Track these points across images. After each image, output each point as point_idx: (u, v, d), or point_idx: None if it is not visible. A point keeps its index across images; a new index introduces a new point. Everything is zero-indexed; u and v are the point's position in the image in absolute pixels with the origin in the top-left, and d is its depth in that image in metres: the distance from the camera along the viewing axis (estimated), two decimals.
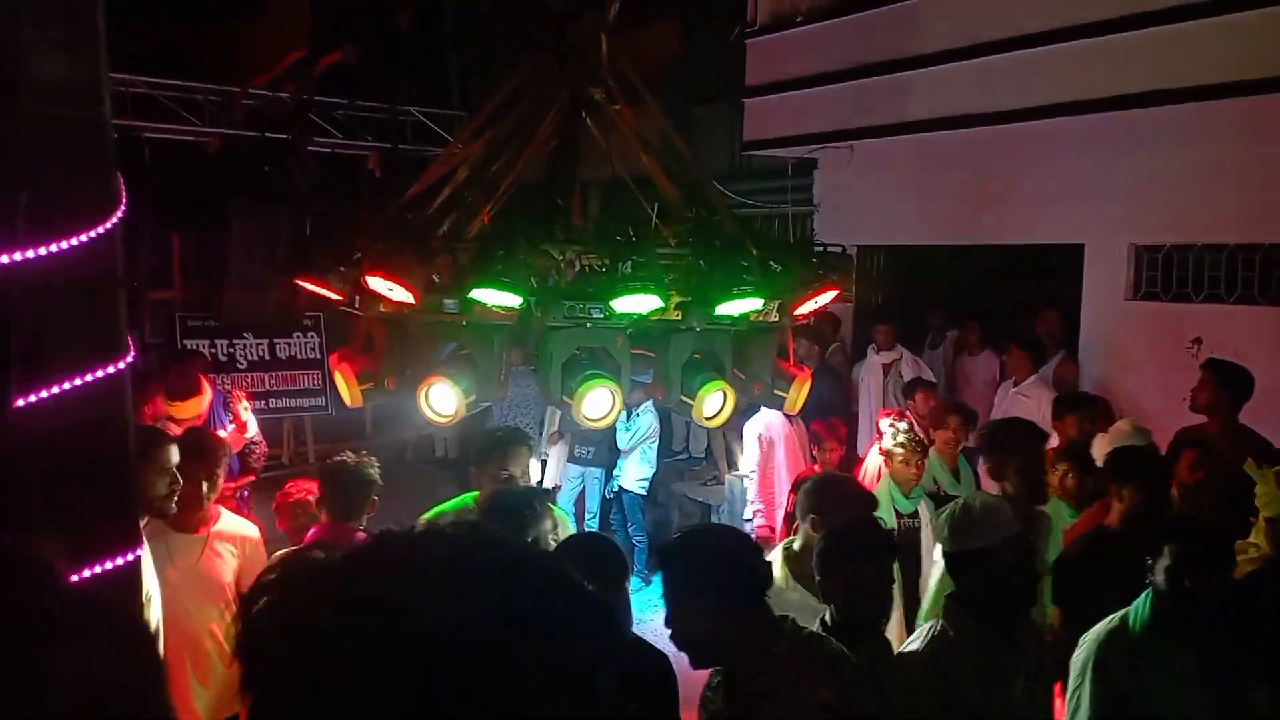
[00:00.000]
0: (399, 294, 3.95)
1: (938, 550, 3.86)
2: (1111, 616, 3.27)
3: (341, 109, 7.98)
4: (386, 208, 7.15)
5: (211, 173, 7.49)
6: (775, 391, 4.24)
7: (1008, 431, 4.09)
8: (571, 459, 7.87)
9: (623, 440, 7.94)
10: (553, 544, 3.55)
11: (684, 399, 4.07)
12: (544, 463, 7.64)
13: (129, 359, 1.90)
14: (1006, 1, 8.19)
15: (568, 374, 4.02)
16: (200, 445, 4.00)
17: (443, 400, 4.04)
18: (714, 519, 8.26)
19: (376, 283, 3.95)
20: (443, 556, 0.85)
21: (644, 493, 8.18)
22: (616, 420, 4.03)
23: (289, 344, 8.44)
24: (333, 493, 4.11)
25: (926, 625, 3.23)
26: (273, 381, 8.43)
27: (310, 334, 8.44)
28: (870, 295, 10.25)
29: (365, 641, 0.77)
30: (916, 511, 4.86)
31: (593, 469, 8.12)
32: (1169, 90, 7.23)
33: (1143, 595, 3.20)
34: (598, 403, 3.97)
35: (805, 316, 4.16)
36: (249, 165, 7.13)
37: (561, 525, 4.09)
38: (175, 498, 3.53)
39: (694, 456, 11.47)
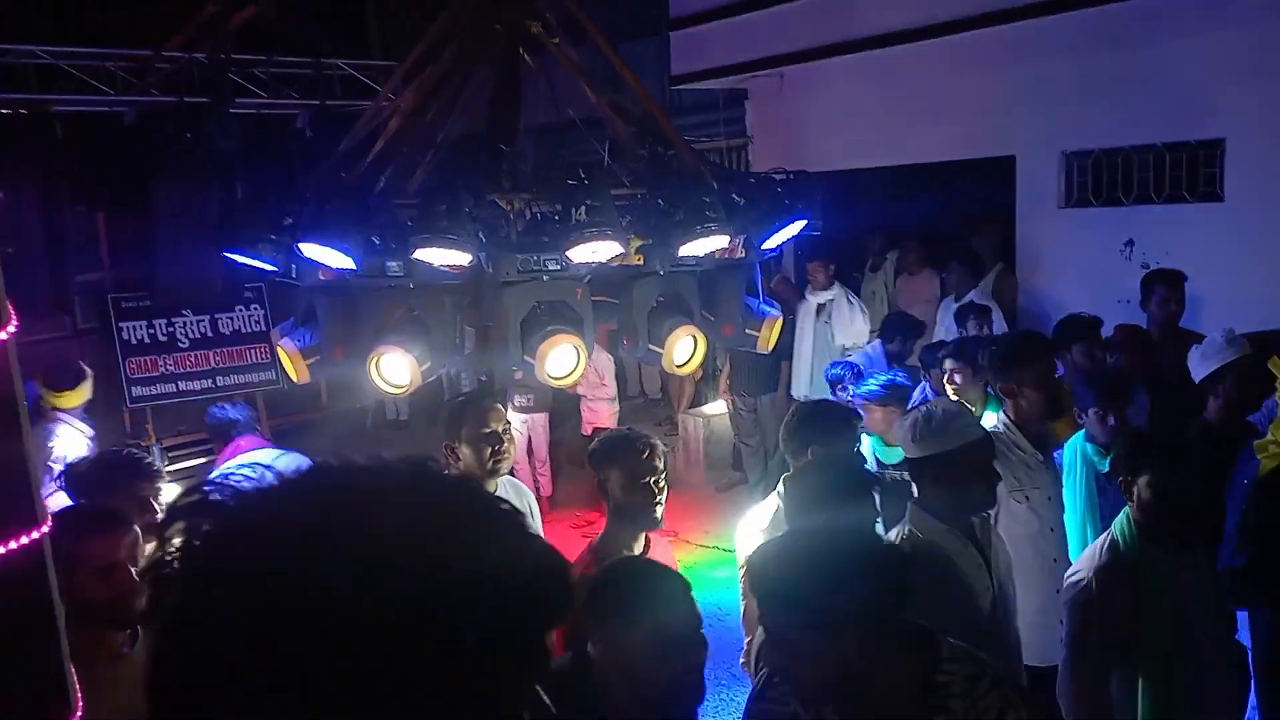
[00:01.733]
0: (337, 259, 3.60)
1: None
2: (1096, 542, 3.22)
3: (262, 66, 7.43)
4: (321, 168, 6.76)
5: (131, 144, 6.96)
6: (747, 331, 3.94)
7: (1019, 346, 3.82)
8: (515, 409, 7.58)
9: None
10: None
11: (652, 347, 3.77)
12: None
13: (9, 329, 1.60)
14: None
15: (526, 331, 3.69)
16: None
17: (395, 370, 3.72)
18: (670, 459, 8.09)
19: (312, 249, 3.60)
20: (385, 488, 0.80)
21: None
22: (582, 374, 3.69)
23: (231, 318, 7.97)
24: None
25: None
26: (218, 359, 7.98)
27: (254, 306, 7.98)
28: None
29: (300, 584, 0.71)
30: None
31: (537, 415, 7.83)
32: None
33: (1123, 514, 3.13)
34: (562, 360, 3.67)
35: (773, 249, 3.84)
36: (170, 133, 6.63)
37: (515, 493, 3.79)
38: None
39: (650, 398, 11.32)
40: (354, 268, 3.61)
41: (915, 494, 3.18)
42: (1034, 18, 7.68)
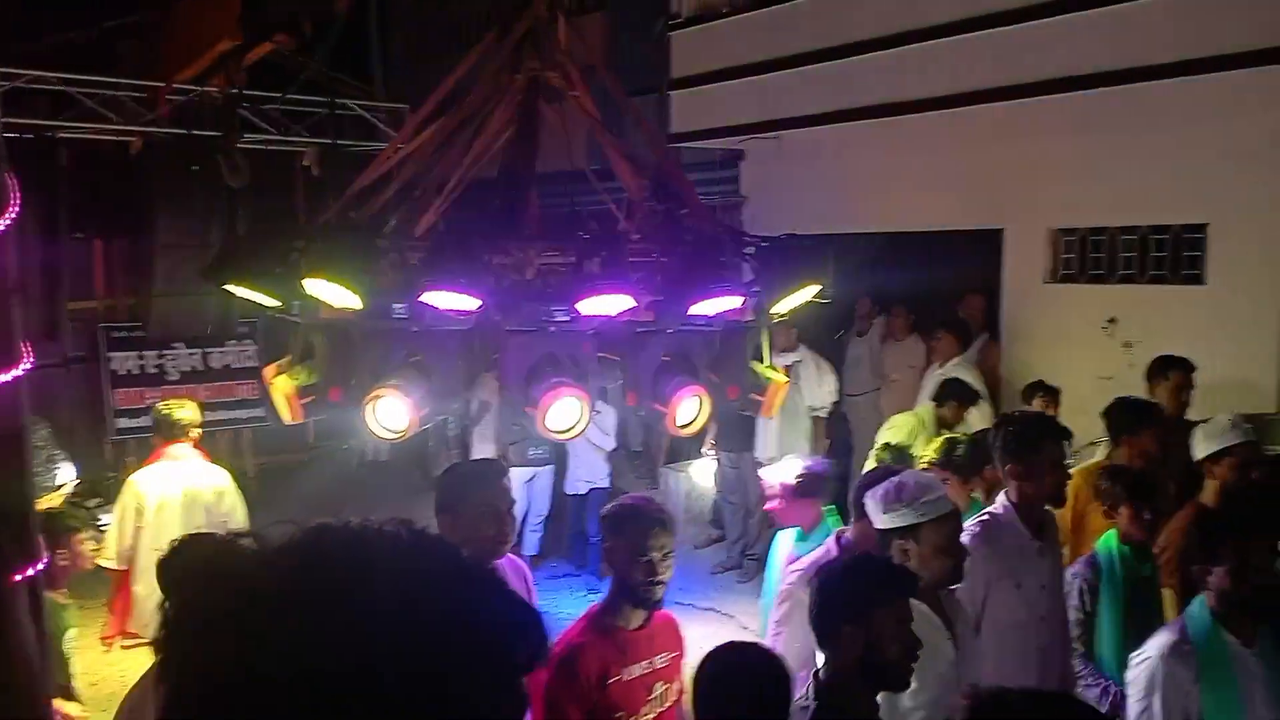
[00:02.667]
0: (343, 298, 3.44)
1: None
2: (1165, 629, 3.12)
3: (273, 103, 7.31)
4: (327, 207, 6.63)
5: (135, 174, 6.79)
6: (752, 395, 3.80)
7: (1034, 429, 3.69)
8: (525, 461, 7.37)
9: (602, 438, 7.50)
10: None
11: (656, 406, 3.61)
12: None
13: (23, 368, 1.51)
14: None
15: (530, 382, 3.53)
16: None
17: (393, 414, 3.54)
18: None
19: (317, 286, 3.44)
20: (383, 554, 0.83)
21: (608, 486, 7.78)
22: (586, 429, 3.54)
23: (223, 353, 7.76)
24: None
25: None
26: (207, 393, 7.73)
27: (246, 342, 7.77)
28: None
29: (299, 644, 0.75)
30: None
31: (545, 468, 7.63)
32: (1080, 77, 7.42)
33: (1197, 602, 3.01)
34: (564, 413, 3.50)
35: (784, 315, 3.72)
36: (175, 165, 6.46)
37: None
38: None
39: (632, 450, 11.15)
40: (359, 307, 3.46)
41: None
42: (1028, 97, 7.75)
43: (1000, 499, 3.70)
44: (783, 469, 4.27)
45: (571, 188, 5.00)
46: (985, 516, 3.69)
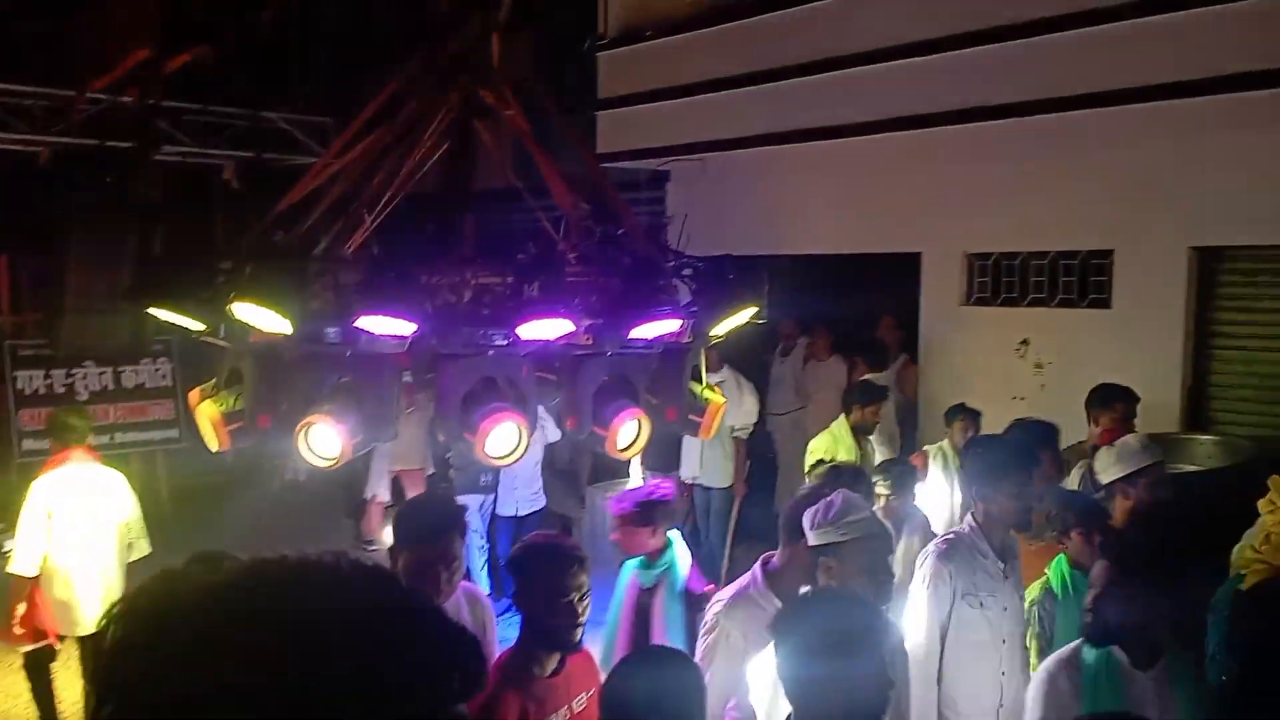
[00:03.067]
0: (272, 323, 3.30)
1: None
2: (1067, 646, 3.14)
3: (193, 114, 7.03)
4: (251, 225, 6.41)
5: (45, 185, 6.45)
6: (690, 417, 3.76)
7: (1002, 454, 3.71)
8: (476, 489, 7.19)
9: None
10: None
11: (596, 429, 3.55)
12: None
13: None
14: (845, 20, 8.51)
15: (468, 407, 3.44)
16: None
17: (325, 441, 3.40)
18: (576, 533, 7.87)
19: (246, 310, 3.30)
20: (324, 586, 0.85)
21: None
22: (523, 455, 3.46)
23: (136, 372, 7.41)
24: None
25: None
26: (118, 414, 7.38)
27: (161, 360, 7.44)
28: None
29: (243, 676, 0.76)
30: None
31: (489, 495, 7.44)
32: (994, 107, 7.62)
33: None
34: (503, 439, 3.41)
35: (721, 336, 3.70)
36: (88, 177, 6.16)
37: None
38: None
39: (558, 470, 11.02)
40: (289, 332, 3.33)
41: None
42: (945, 125, 7.92)
43: (968, 519, 3.74)
44: (619, 498, 4.19)
45: (502, 205, 4.92)
46: (951, 535, 3.75)
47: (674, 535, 4.12)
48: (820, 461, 5.32)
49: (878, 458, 6.33)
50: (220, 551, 1.17)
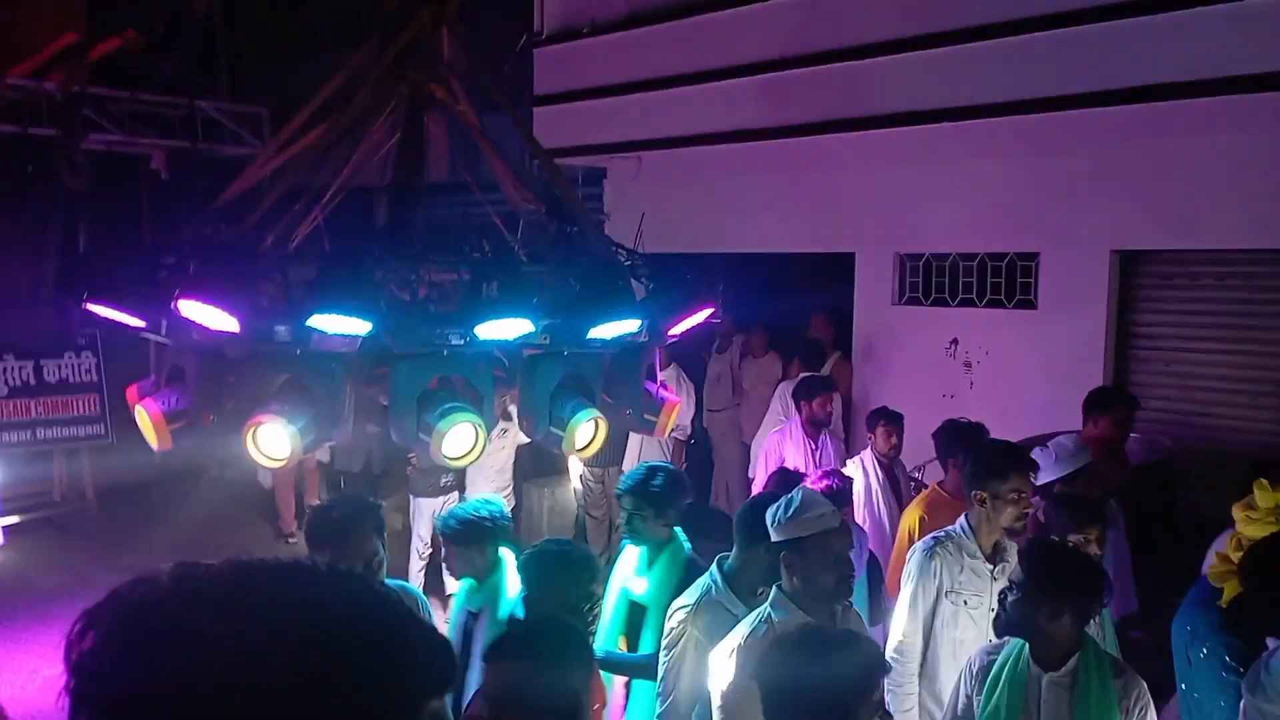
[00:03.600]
0: (219, 321, 3.16)
1: None
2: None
3: (121, 102, 6.72)
4: (179, 216, 6.17)
5: None
6: (646, 416, 3.72)
7: (1000, 457, 3.69)
8: (439, 490, 6.99)
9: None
10: None
11: (553, 429, 3.48)
12: None
13: None
14: (781, 22, 8.53)
15: (423, 408, 3.34)
16: None
17: (274, 441, 3.28)
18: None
19: (191, 308, 3.15)
20: (306, 586, 0.87)
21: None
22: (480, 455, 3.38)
23: (59, 365, 7.06)
24: None
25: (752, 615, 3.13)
26: (40, 408, 7.02)
27: (85, 354, 7.10)
28: None
29: (231, 674, 0.77)
30: None
31: (448, 497, 7.23)
32: (924, 112, 7.74)
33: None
34: (460, 440, 3.32)
35: (677, 336, 3.66)
36: (9, 164, 5.83)
37: None
38: None
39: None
40: (237, 331, 3.19)
41: (779, 583, 3.12)
42: (874, 129, 8.01)
43: (960, 520, 3.74)
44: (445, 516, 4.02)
45: (444, 199, 4.82)
46: (940, 534, 3.75)
47: (505, 555, 3.85)
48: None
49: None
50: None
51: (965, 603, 3.54)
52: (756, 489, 6.18)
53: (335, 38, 10.00)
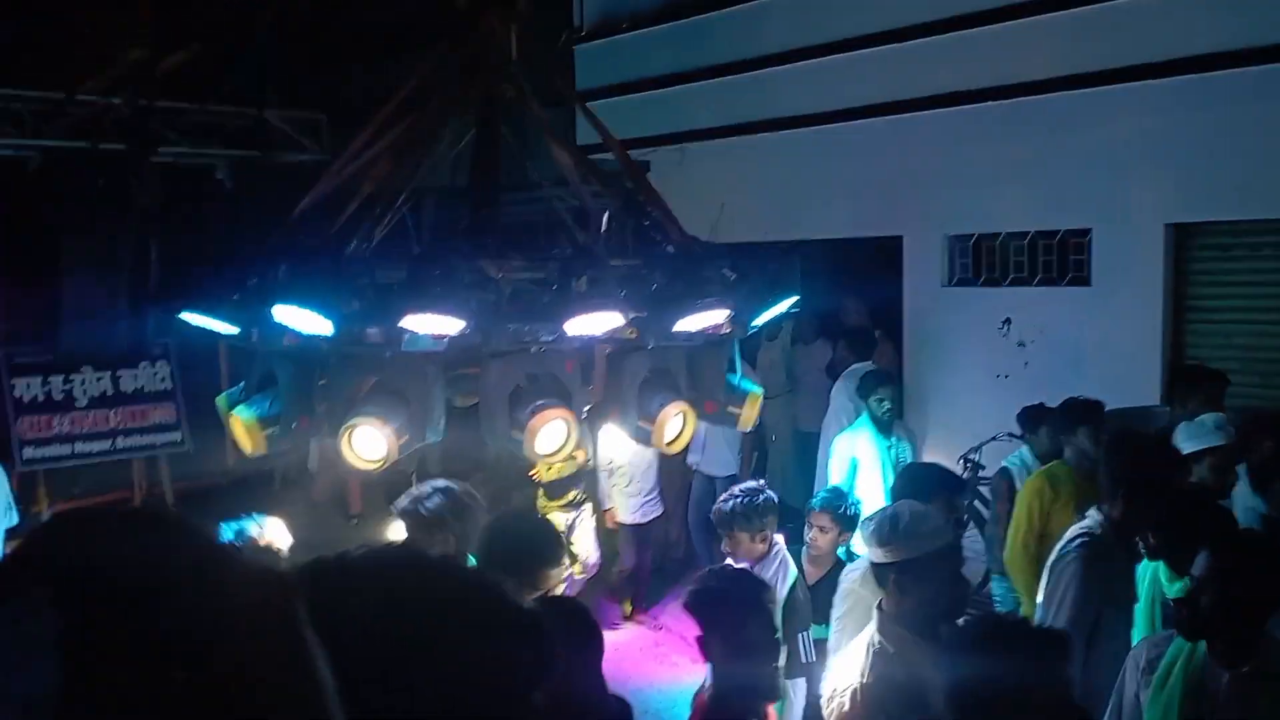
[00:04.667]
0: (313, 324, 3.14)
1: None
2: None
3: (187, 114, 6.73)
4: (247, 225, 6.19)
5: (37, 190, 6.11)
6: (729, 409, 3.65)
7: (1147, 456, 3.52)
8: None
9: None
10: None
11: (641, 424, 3.43)
12: None
13: None
14: (827, 7, 8.27)
15: (514, 406, 3.31)
16: None
17: (371, 444, 3.25)
18: None
19: (285, 313, 3.13)
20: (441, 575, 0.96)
21: None
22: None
23: (135, 375, 7.10)
24: None
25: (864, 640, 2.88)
26: (118, 419, 7.07)
27: (160, 363, 7.14)
28: None
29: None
30: None
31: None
32: (971, 91, 7.54)
33: None
34: (553, 435, 3.28)
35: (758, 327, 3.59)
36: (81, 180, 5.85)
37: None
38: None
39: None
40: (330, 334, 3.17)
41: (881, 603, 2.89)
42: (923, 110, 7.86)
43: (1095, 515, 3.54)
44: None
45: (511, 198, 4.78)
46: (1085, 536, 3.49)
47: None
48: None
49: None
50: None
51: (1118, 609, 3.32)
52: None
53: (384, 42, 10.00)
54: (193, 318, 3.35)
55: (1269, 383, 7.03)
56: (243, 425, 3.44)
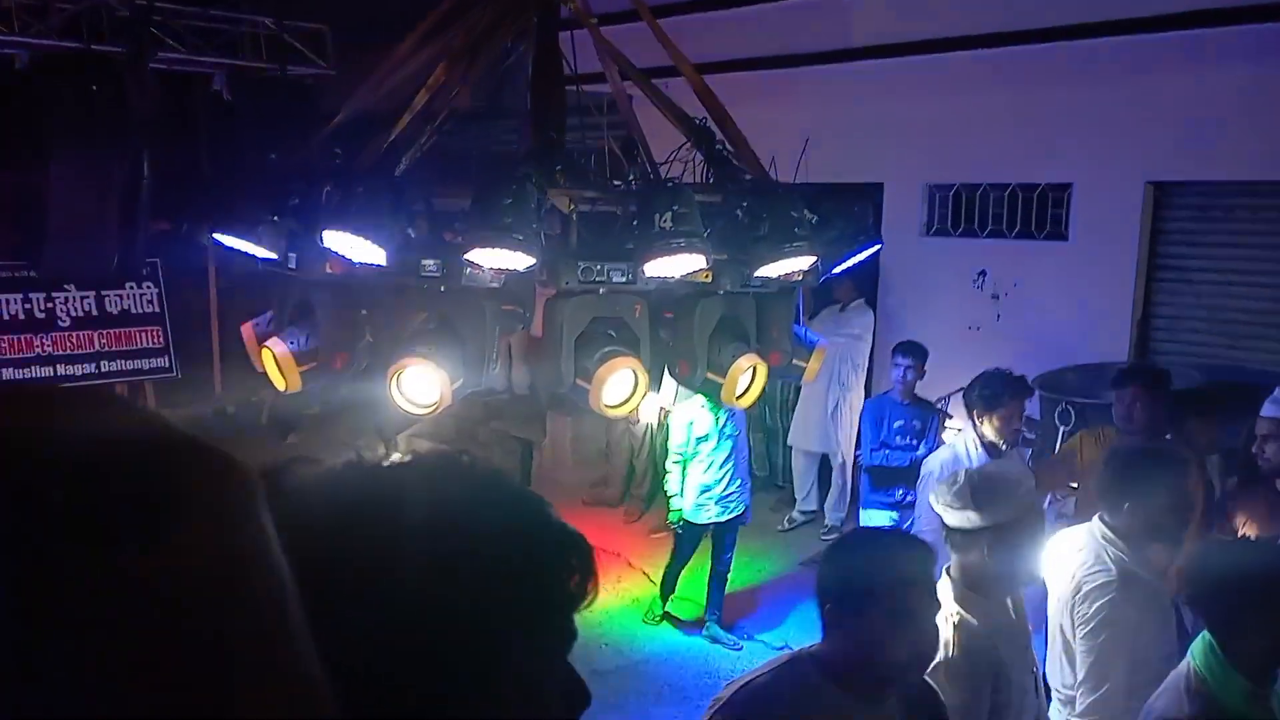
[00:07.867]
0: (365, 252, 2.61)
1: None
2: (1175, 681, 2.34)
3: (186, 18, 5.91)
4: (241, 141, 5.47)
5: (23, 93, 5.31)
6: (795, 361, 3.21)
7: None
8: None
9: None
10: None
11: (711, 375, 2.97)
12: None
13: None
14: None
15: (581, 351, 2.82)
16: None
17: (423, 386, 2.74)
18: (536, 457, 7.28)
19: (337, 239, 2.59)
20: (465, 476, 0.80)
21: None
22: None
23: (121, 296, 6.36)
24: None
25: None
26: (103, 340, 6.34)
27: (147, 284, 6.40)
28: None
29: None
30: None
31: None
32: (958, 39, 7.07)
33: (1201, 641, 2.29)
34: (620, 385, 2.80)
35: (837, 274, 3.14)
36: (73, 85, 5.08)
37: None
38: None
39: (517, 392, 10.33)
40: (382, 264, 2.63)
41: (952, 571, 2.47)
42: (904, 55, 7.41)
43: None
44: None
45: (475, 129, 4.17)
46: None
47: None
48: None
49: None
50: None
51: None
52: None
53: None
54: (227, 238, 2.78)
55: (1236, 345, 6.84)
56: (276, 359, 2.90)
